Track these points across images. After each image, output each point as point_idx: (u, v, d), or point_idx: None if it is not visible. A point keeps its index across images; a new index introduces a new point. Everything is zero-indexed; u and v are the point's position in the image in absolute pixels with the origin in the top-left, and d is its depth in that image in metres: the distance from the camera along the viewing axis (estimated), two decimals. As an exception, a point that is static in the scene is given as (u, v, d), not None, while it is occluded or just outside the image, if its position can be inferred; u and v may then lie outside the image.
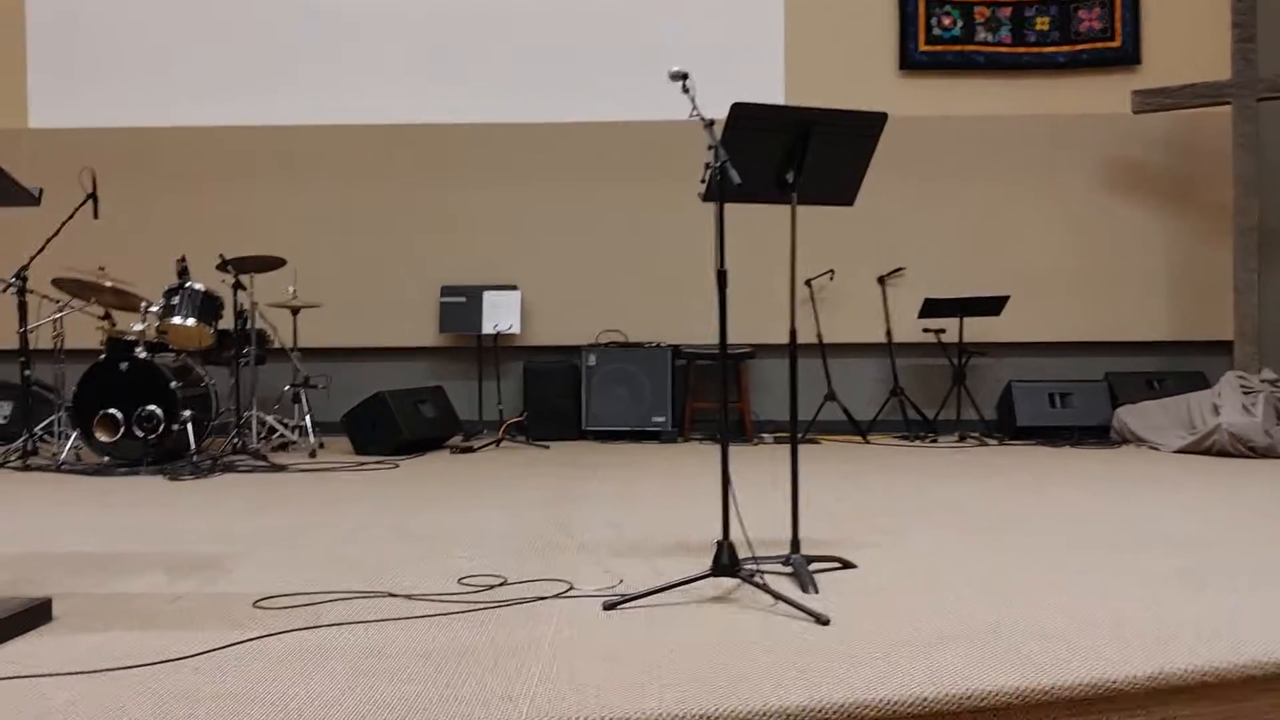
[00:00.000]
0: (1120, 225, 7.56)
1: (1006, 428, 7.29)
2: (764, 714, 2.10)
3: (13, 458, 6.00)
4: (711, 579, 2.98)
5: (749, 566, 3.11)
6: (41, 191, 2.85)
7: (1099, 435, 7.06)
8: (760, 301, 7.36)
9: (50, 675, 2.31)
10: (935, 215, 7.59)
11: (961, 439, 7.11)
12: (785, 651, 2.45)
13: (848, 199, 3.35)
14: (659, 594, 2.93)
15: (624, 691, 2.19)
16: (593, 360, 7.30)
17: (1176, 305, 7.56)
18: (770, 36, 7.59)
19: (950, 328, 7.27)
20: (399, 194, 7.63)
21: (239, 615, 2.80)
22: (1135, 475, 5.51)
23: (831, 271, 7.45)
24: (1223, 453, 6.23)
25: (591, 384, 7.29)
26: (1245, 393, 6.48)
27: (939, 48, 7.54)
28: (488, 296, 7.43)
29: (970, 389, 7.45)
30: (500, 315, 7.37)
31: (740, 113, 3.00)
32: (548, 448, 6.90)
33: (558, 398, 7.38)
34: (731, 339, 7.25)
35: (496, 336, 7.37)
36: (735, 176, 2.74)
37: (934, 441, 7.09)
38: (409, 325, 7.64)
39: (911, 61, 7.56)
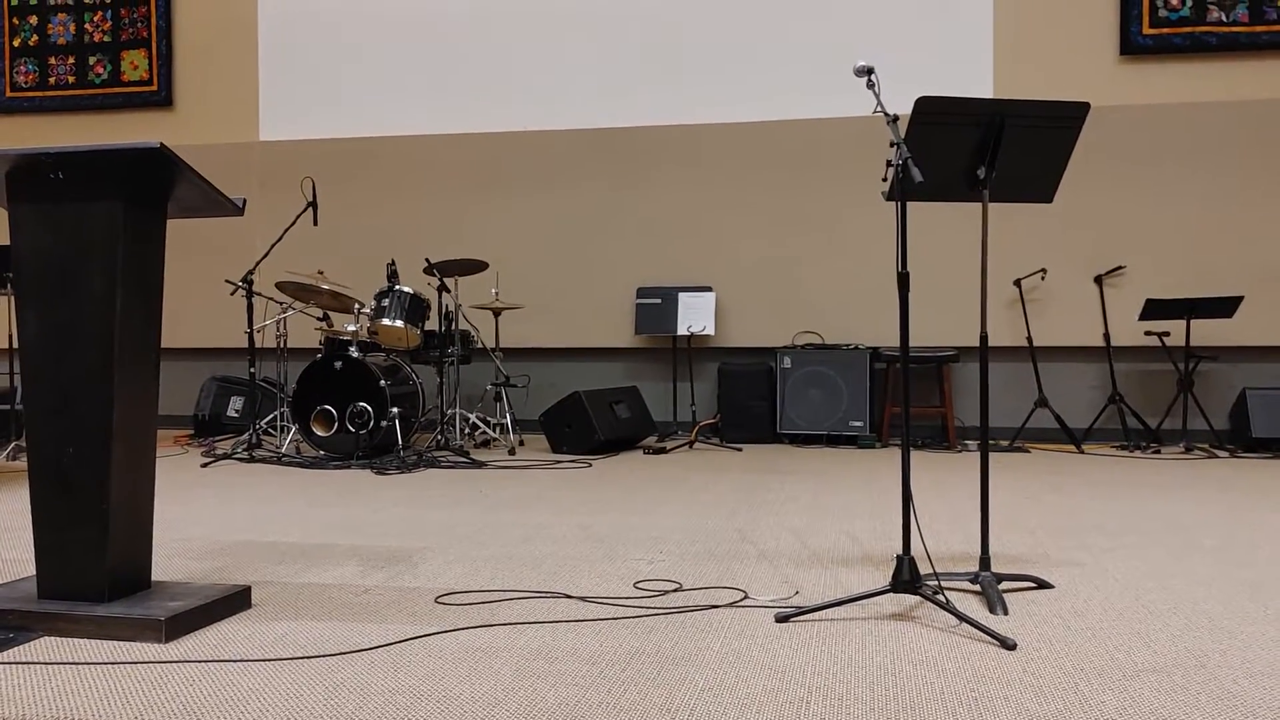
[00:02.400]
0: (1376, 217, 6.85)
1: (1240, 438, 6.71)
2: (933, 743, 1.99)
3: (240, 449, 6.43)
4: (892, 595, 2.86)
5: (932, 583, 2.97)
6: (245, 202, 3.00)
7: (1348, 449, 6.41)
8: (966, 301, 7.10)
9: (239, 661, 2.44)
10: (1159, 210, 7.07)
11: (1188, 450, 6.59)
12: (962, 677, 2.31)
13: (1045, 196, 3.13)
14: (834, 608, 2.84)
15: (787, 709, 2.12)
16: (788, 362, 7.19)
17: None
18: (978, 24, 7.27)
19: (1175, 330, 6.76)
20: (597, 197, 7.75)
21: (420, 610, 2.88)
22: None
23: (1044, 270, 7.06)
24: None
25: (786, 386, 7.18)
26: None
27: (1166, 30, 7.02)
28: (683, 298, 7.44)
29: (1198, 396, 6.91)
30: (695, 316, 7.36)
31: (925, 107, 2.86)
32: (740, 450, 6.84)
33: (752, 400, 7.30)
34: (935, 340, 7.12)
35: (690, 338, 7.37)
36: (917, 174, 2.60)
37: (1157, 452, 6.60)
38: (606, 326, 7.74)
39: (1134, 46, 7.06)
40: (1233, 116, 6.97)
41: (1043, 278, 7.09)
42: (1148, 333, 6.87)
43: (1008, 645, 2.51)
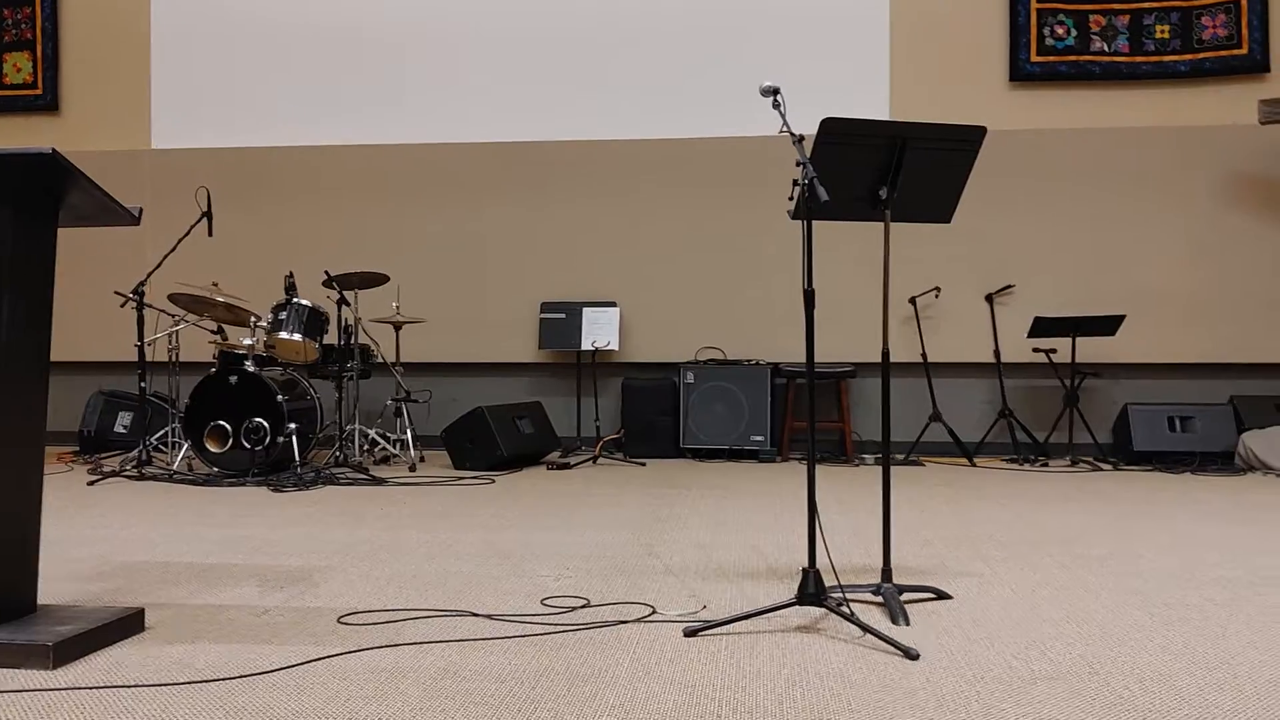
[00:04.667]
0: (1246, 241, 7.19)
1: (1122, 452, 6.99)
2: (841, 754, 2.02)
3: (129, 466, 6.21)
4: (798, 608, 2.90)
5: (837, 595, 3.03)
6: (141, 211, 2.91)
7: (1222, 461, 6.71)
8: (863, 319, 7.23)
9: (133, 686, 2.35)
10: (1047, 231, 7.33)
11: (1074, 463, 6.83)
12: (868, 687, 2.35)
13: (944, 216, 3.23)
14: (742, 621, 2.86)
15: (697, 724, 2.13)
16: (691, 378, 7.25)
17: (1308, 325, 7.16)
18: (875, 51, 7.45)
19: (1062, 347, 7.01)
20: (501, 211, 7.71)
21: (322, 631, 2.82)
22: (1261, 505, 5.21)
23: (938, 289, 7.26)
24: (1358, 483, 5.86)
25: (690, 402, 7.23)
26: (1384, 419, 6.09)
27: (1052, 58, 7.29)
28: (587, 313, 7.45)
29: (1083, 411, 7.17)
30: (599, 332, 7.38)
31: (830, 127, 2.92)
32: (644, 465, 6.86)
33: (655, 415, 7.34)
34: (834, 356, 7.25)
35: (595, 353, 7.38)
36: (823, 193, 2.66)
37: (1044, 465, 6.83)
38: (510, 341, 7.70)
39: (1023, 73, 7.32)
40: (1116, 142, 7.27)
41: (936, 296, 7.29)
42: (1036, 350, 7.10)
43: (911, 655, 2.56)
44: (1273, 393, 7.08)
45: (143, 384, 6.27)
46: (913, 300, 7.26)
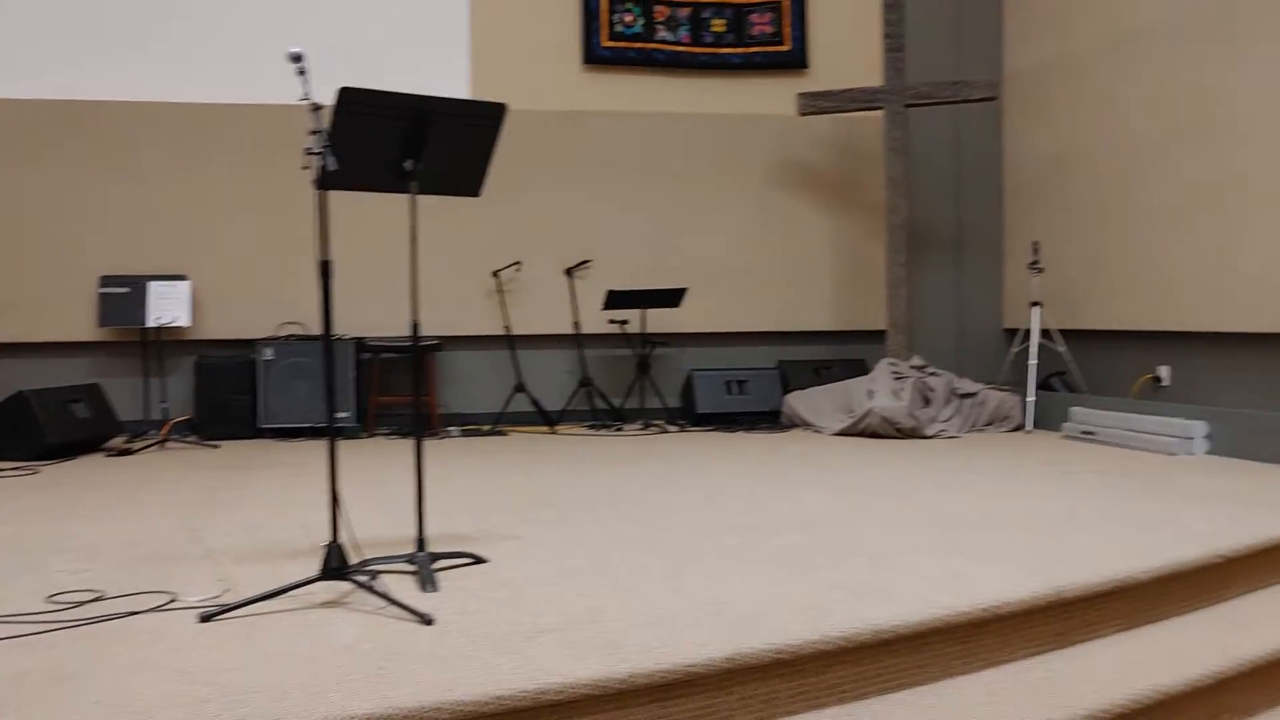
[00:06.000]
0: (791, 221, 7.98)
1: (689, 415, 7.55)
2: (326, 724, 2.03)
3: None
4: (326, 583, 2.88)
5: (374, 568, 3.04)
6: None
7: (771, 420, 7.42)
8: (450, 292, 7.31)
9: None
10: (621, 209, 7.73)
11: (645, 427, 7.29)
12: (374, 656, 2.38)
13: (473, 190, 3.30)
14: (264, 601, 2.80)
15: (183, 710, 2.06)
16: (270, 354, 6.97)
17: (841, 297, 8.06)
18: (455, 31, 7.48)
19: (635, 319, 7.43)
20: (54, 176, 6.99)
21: None
22: (795, 456, 5.81)
23: (519, 263, 7.45)
24: (875, 434, 6.69)
25: (269, 379, 6.95)
26: (896, 378, 6.99)
27: (622, 44, 7.68)
28: (153, 287, 6.94)
29: (654, 378, 7.66)
30: (167, 307, 6.90)
31: (349, 98, 2.89)
32: (218, 447, 6.53)
33: (232, 394, 6.99)
34: (421, 330, 7.24)
35: (161, 330, 6.90)
36: (331, 163, 2.63)
37: (619, 430, 7.23)
38: (63, 319, 7.01)
39: (595, 56, 7.65)
40: (681, 126, 7.78)
41: (518, 270, 7.48)
42: (611, 321, 7.48)
43: (426, 621, 2.62)
44: (812, 357, 7.92)
45: None
46: (496, 274, 7.40)
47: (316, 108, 2.83)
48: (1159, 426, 5.89)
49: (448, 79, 7.43)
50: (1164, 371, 6.76)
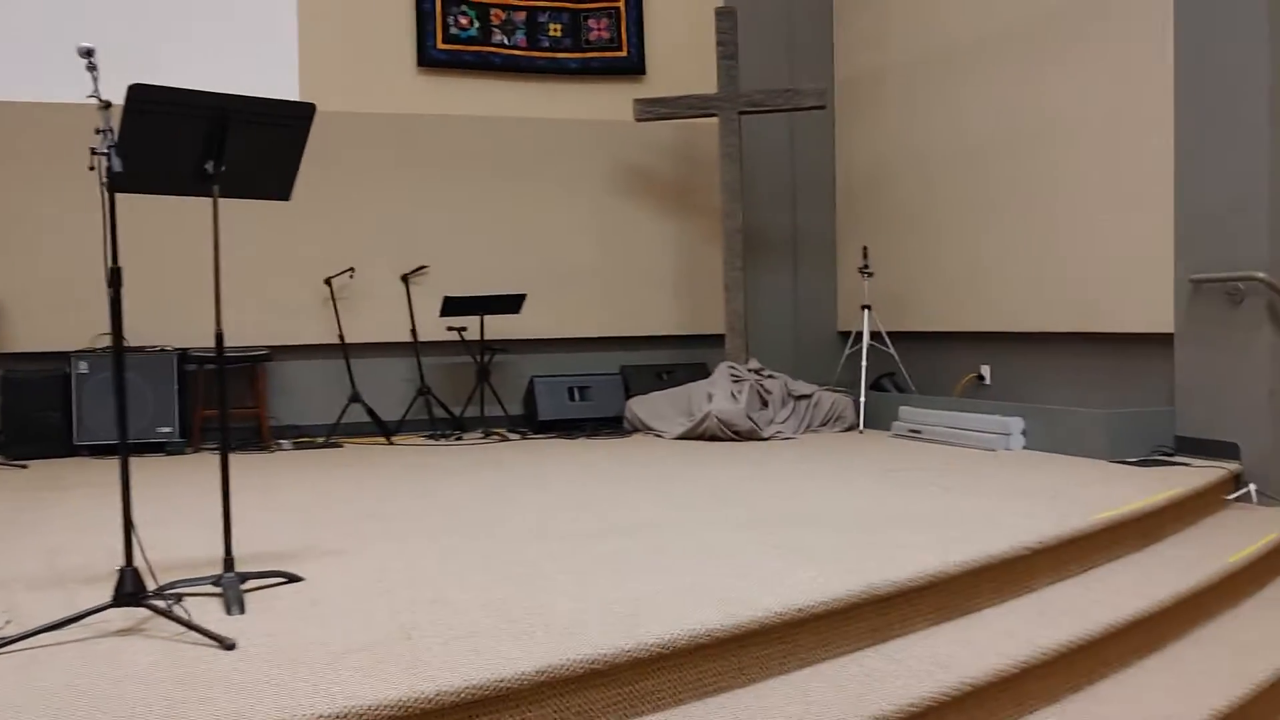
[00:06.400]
0: (631, 227, 8.01)
1: (530, 422, 7.48)
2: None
3: None
4: (121, 610, 2.71)
5: (177, 591, 2.89)
6: None
7: (614, 426, 7.43)
8: (279, 300, 7.07)
9: None
10: (460, 214, 7.62)
11: (486, 435, 7.19)
12: (165, 685, 2.25)
13: (283, 193, 3.18)
14: (51, 631, 2.62)
15: (-59, 757, 1.90)
16: (85, 367, 6.59)
17: (682, 301, 8.13)
18: (284, 33, 7.24)
19: (474, 325, 7.33)
20: None
21: None
22: (631, 461, 5.81)
23: (352, 269, 7.25)
24: (714, 437, 6.77)
25: (84, 394, 6.58)
26: (734, 381, 7.08)
27: (457, 47, 7.57)
28: (-48, 298, 6.49)
29: (496, 386, 7.57)
30: (-32, 319, 6.46)
31: (140, 95, 2.74)
32: (25, 467, 6.14)
33: (43, 410, 6.58)
34: (250, 340, 6.98)
35: (-38, 343, 6.46)
36: (116, 164, 2.48)
37: (459, 440, 7.11)
38: None
39: (430, 59, 7.52)
40: (518, 131, 7.72)
41: (351, 276, 7.28)
42: (450, 329, 7.36)
43: (227, 646, 2.49)
44: (655, 361, 7.97)
45: None
46: (328, 281, 7.18)
47: (106, 105, 2.67)
48: (979, 424, 6.12)
49: (275, 82, 7.18)
50: (986, 370, 7.04)
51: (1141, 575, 3.76)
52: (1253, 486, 5.02)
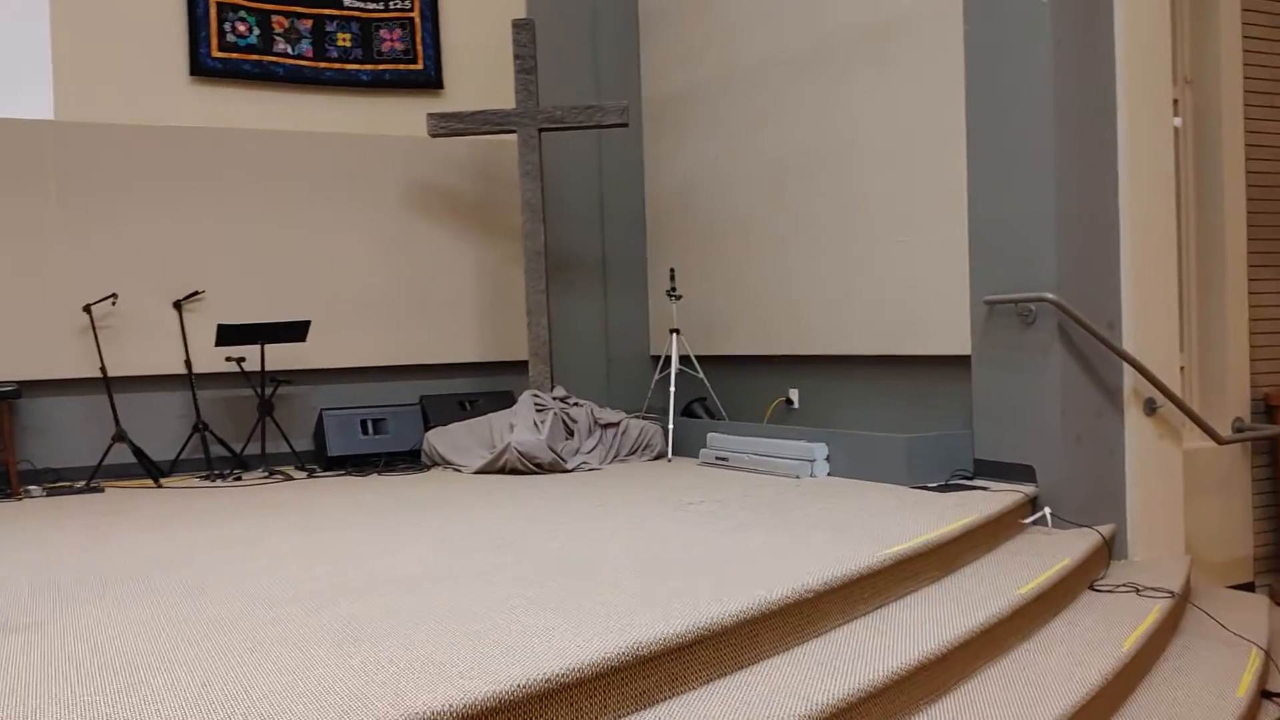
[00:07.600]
0: (429, 248, 7.58)
1: (320, 458, 6.95)
2: None
3: None
4: None
5: None
6: None
7: (412, 459, 6.98)
8: (28, 330, 6.39)
9: None
10: (237, 234, 7.04)
11: (269, 474, 6.63)
12: None
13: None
14: None
15: None
16: None
17: (485, 327, 7.74)
18: (36, 42, 6.55)
19: (254, 355, 6.77)
20: None
21: None
22: (417, 501, 5.38)
23: (114, 296, 6.59)
24: (514, 470, 6.40)
25: None
26: (538, 410, 6.74)
27: (235, 55, 7.01)
28: None
29: (282, 420, 7.02)
30: None
31: None
32: None
33: None
34: (-7, 374, 6.26)
35: None
36: None
37: (239, 480, 6.52)
38: None
39: (204, 68, 6.94)
40: (304, 145, 7.20)
41: (114, 303, 6.63)
42: (228, 359, 6.78)
43: None
44: (456, 391, 7.55)
45: None
46: (88, 308, 6.51)
47: None
48: (784, 450, 5.95)
49: (29, 100, 6.49)
50: (795, 395, 6.90)
51: (934, 612, 3.58)
52: (1048, 510, 4.97)
